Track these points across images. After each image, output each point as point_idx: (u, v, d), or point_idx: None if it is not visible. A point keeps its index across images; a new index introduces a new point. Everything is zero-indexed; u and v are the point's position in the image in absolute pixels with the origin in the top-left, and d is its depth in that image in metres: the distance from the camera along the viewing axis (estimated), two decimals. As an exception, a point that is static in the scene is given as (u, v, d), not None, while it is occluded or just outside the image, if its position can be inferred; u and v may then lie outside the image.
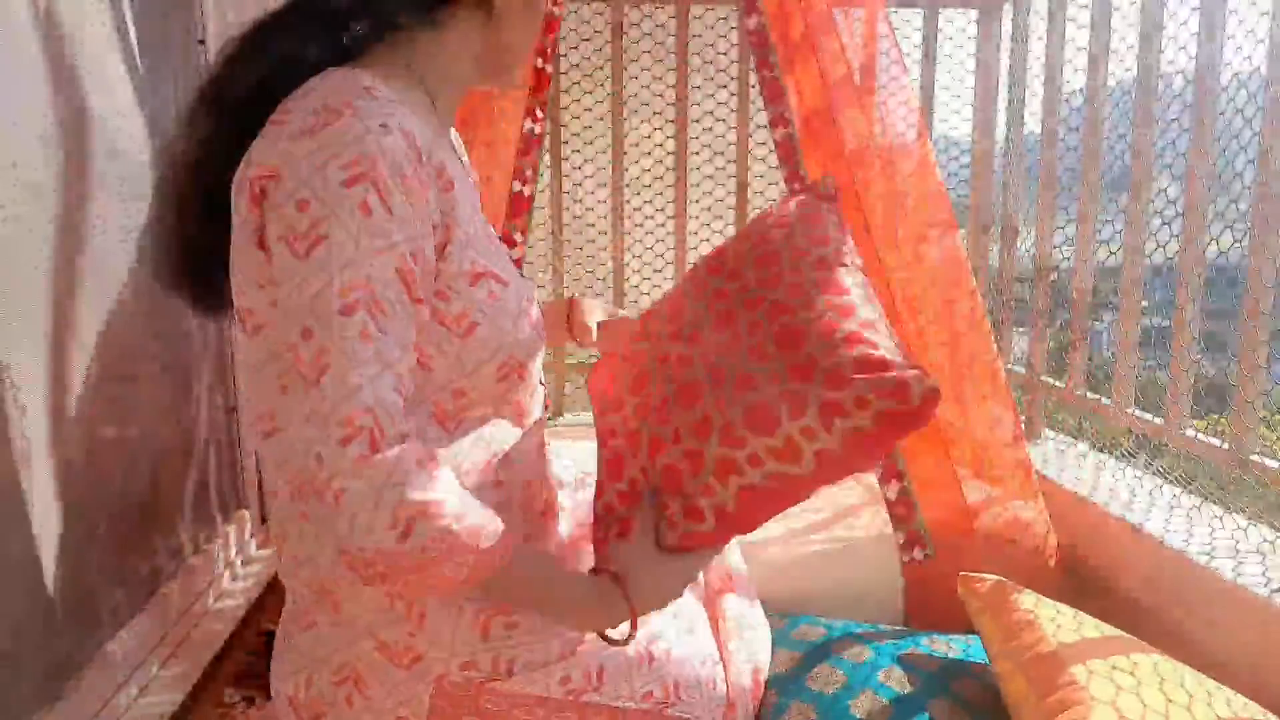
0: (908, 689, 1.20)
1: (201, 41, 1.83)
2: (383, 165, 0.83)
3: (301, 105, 0.87)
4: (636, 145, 2.54)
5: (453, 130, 1.13)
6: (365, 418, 0.81)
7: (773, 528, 1.72)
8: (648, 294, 2.59)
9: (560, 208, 2.46)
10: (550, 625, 1.01)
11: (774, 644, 1.34)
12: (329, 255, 0.82)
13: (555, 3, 1.82)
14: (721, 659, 1.19)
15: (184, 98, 1.71)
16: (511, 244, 1.83)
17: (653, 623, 1.09)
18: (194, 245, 0.99)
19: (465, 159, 1.18)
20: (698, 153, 2.56)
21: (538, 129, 1.84)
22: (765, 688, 1.26)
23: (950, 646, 1.32)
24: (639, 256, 2.63)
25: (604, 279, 2.57)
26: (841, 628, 1.36)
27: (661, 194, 2.57)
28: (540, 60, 1.83)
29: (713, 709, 1.10)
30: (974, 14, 2.43)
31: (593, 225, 2.57)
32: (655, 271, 2.65)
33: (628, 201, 2.53)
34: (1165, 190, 1.77)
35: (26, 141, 1.14)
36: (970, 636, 1.36)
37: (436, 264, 0.91)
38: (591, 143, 2.49)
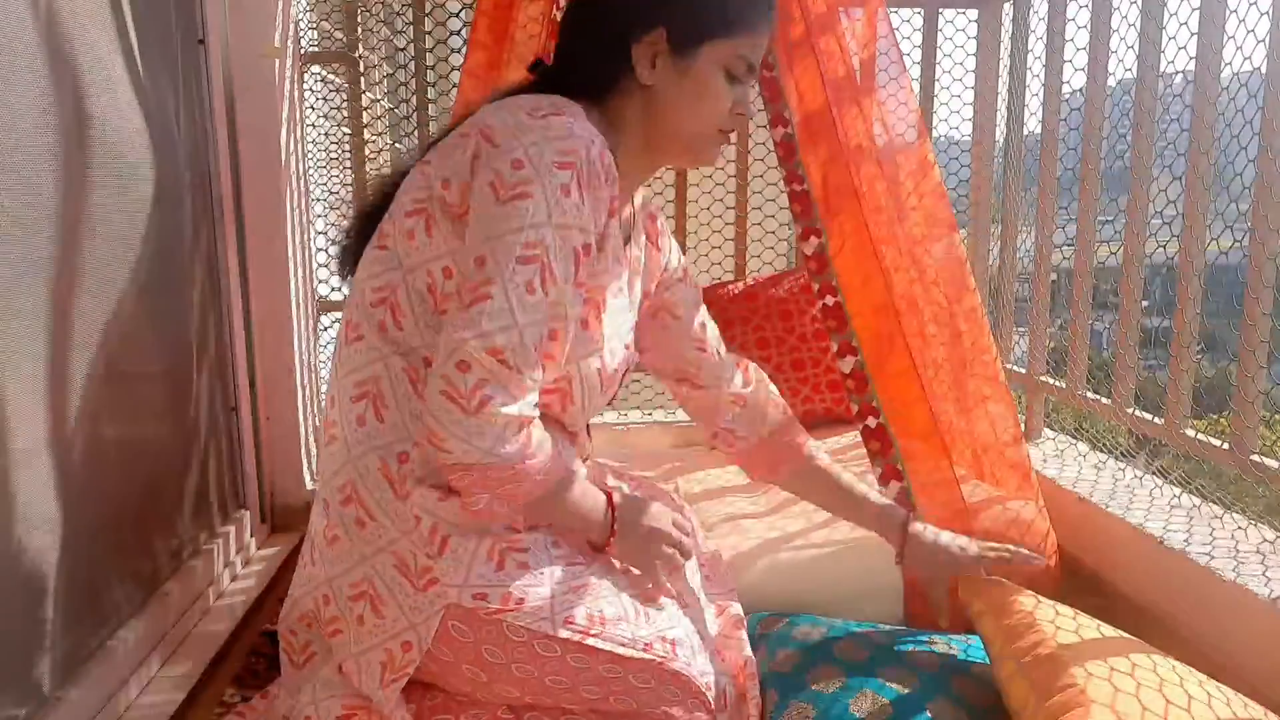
0: (908, 689, 1.20)
1: (201, 41, 1.83)
2: (587, 164, 0.96)
3: (522, 98, 1.02)
4: (636, 145, 2.54)
5: (637, 210, 1.23)
6: (511, 355, 0.92)
7: (773, 528, 1.72)
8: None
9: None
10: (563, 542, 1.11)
11: (774, 643, 1.34)
12: (526, 209, 0.92)
13: (557, 6, 1.82)
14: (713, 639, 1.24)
15: (184, 98, 1.71)
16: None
17: (648, 590, 1.15)
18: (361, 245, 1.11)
19: (639, 228, 1.25)
20: (698, 153, 2.56)
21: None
22: (765, 686, 1.26)
23: (951, 646, 1.32)
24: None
25: (604, 279, 2.57)
26: (842, 627, 1.36)
27: (661, 194, 2.57)
28: (543, 63, 1.83)
29: (708, 670, 1.12)
30: (974, 14, 2.43)
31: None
32: (655, 271, 2.64)
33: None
34: (1165, 190, 1.77)
35: (26, 141, 1.14)
36: (970, 637, 1.36)
37: None
38: (591, 143, 2.48)
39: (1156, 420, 1.81)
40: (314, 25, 2.41)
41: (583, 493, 1.10)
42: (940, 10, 2.43)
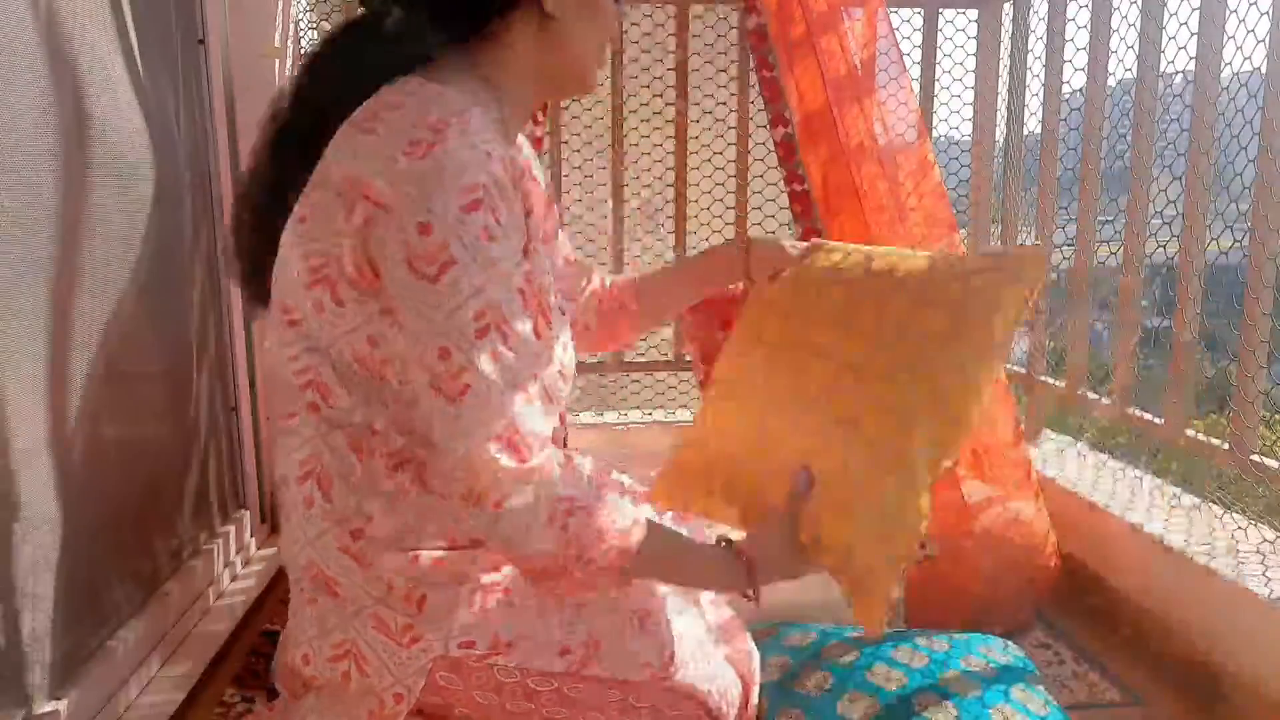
0: (896, 685, 1.20)
1: (201, 41, 1.83)
2: (494, 191, 0.88)
3: (394, 118, 0.89)
4: (636, 145, 2.54)
5: (521, 137, 1.14)
6: (508, 431, 0.88)
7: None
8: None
9: (561, 207, 2.46)
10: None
11: (765, 651, 1.34)
12: (459, 279, 0.85)
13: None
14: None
15: (184, 98, 1.71)
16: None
17: (639, 599, 1.10)
18: (259, 246, 1.03)
19: (536, 163, 1.17)
20: (697, 153, 2.56)
21: (538, 131, 1.84)
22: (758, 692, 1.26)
23: (943, 643, 1.32)
24: (639, 256, 2.63)
25: (604, 279, 2.57)
26: (834, 632, 1.36)
27: (661, 194, 2.57)
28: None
29: (710, 680, 1.10)
30: (974, 14, 2.43)
31: (593, 225, 2.57)
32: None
33: (627, 201, 2.53)
34: (1165, 190, 1.77)
35: (26, 141, 1.14)
36: (966, 635, 1.36)
37: None
38: (591, 143, 2.49)
39: (1156, 420, 1.81)
40: (314, 25, 2.41)
41: (678, 543, 1.02)
42: (940, 10, 2.43)
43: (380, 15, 0.99)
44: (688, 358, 2.35)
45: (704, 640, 1.17)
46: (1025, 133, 2.30)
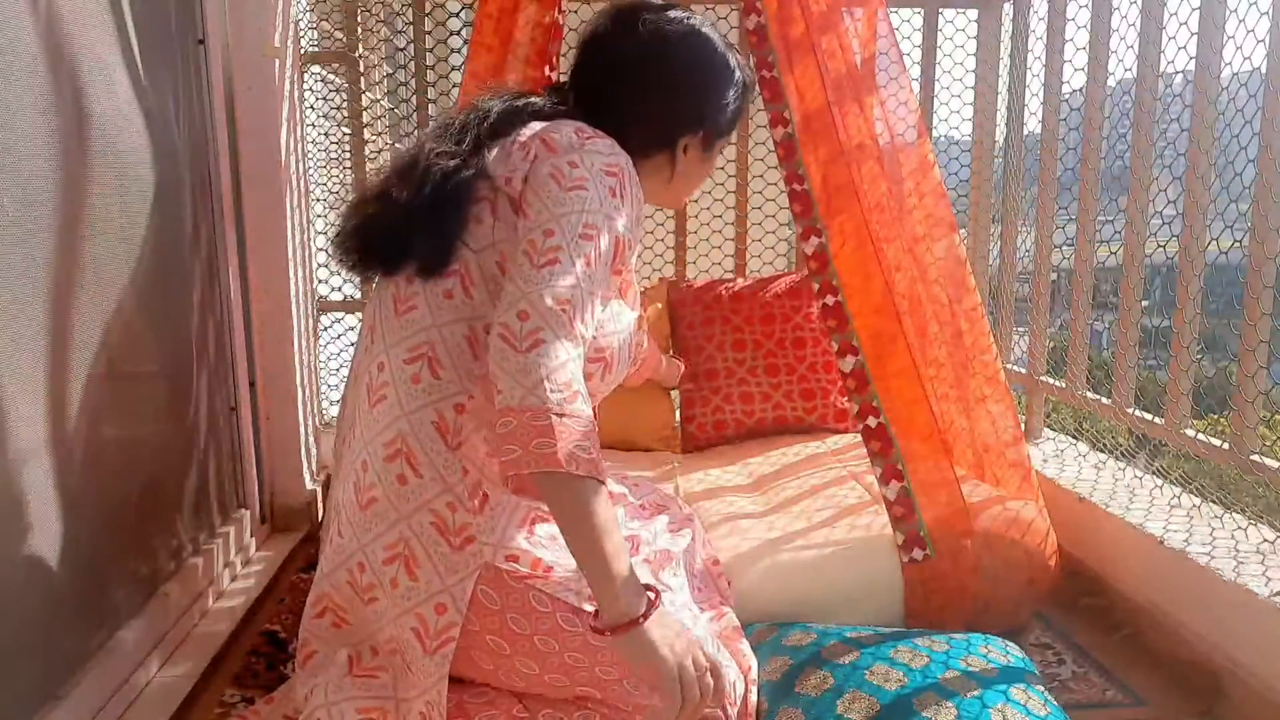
0: (895, 685, 1.20)
1: (201, 41, 1.83)
2: (628, 177, 1.13)
3: (574, 122, 1.16)
4: (636, 145, 2.54)
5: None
6: (571, 308, 1.01)
7: (773, 528, 1.72)
8: (645, 292, 2.59)
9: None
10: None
11: (765, 653, 1.34)
12: (584, 198, 1.06)
13: (559, 9, 1.82)
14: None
15: (184, 98, 1.71)
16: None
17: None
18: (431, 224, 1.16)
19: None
20: (698, 153, 2.56)
21: (538, 129, 1.84)
22: (757, 696, 1.27)
23: (943, 643, 1.32)
24: (639, 256, 2.63)
25: (604, 279, 2.57)
26: (835, 632, 1.36)
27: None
28: (546, 68, 1.83)
29: (726, 662, 1.16)
30: (974, 14, 2.43)
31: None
32: (655, 271, 2.65)
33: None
34: (1165, 190, 1.77)
35: (26, 141, 1.14)
36: (966, 635, 1.36)
37: None
38: (591, 143, 2.48)
39: (1156, 420, 1.81)
40: (314, 25, 2.41)
41: (612, 525, 1.00)
42: (940, 10, 2.43)
43: (581, 106, 1.25)
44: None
45: (712, 636, 1.20)
46: (1025, 133, 2.30)
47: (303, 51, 2.25)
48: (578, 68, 1.29)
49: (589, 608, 1.05)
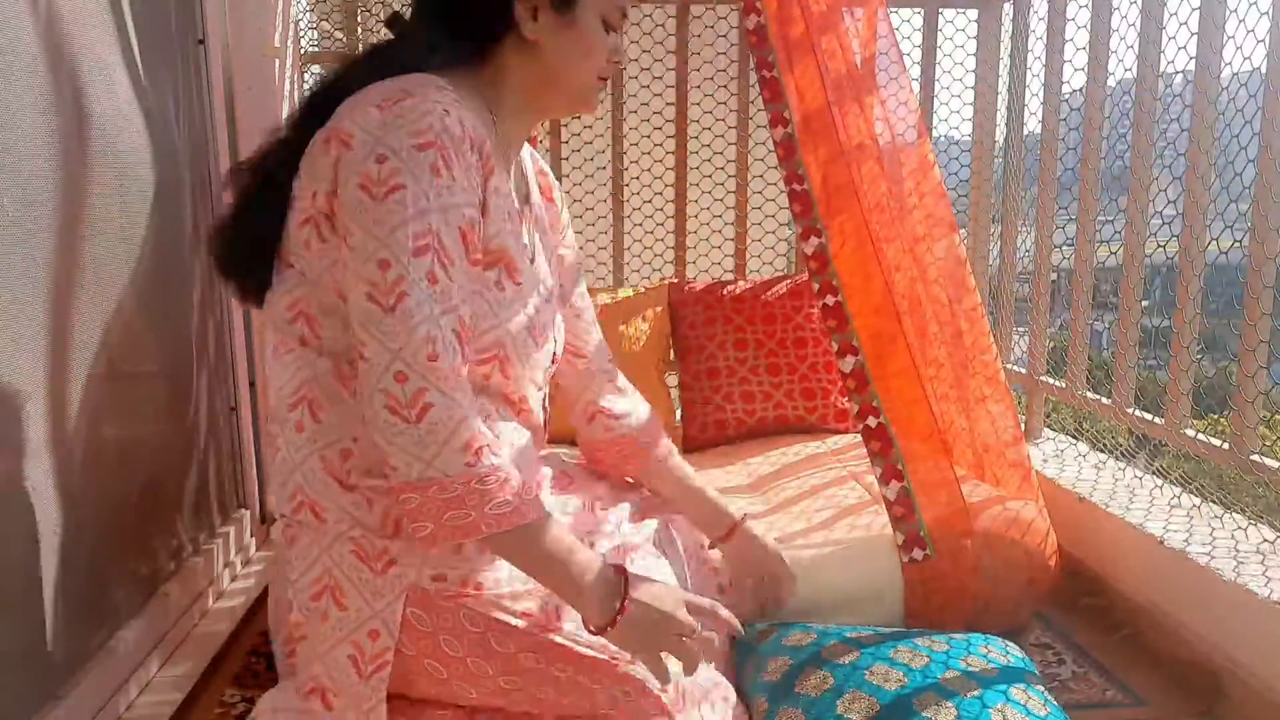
0: (895, 685, 1.20)
1: (201, 41, 1.83)
2: (446, 137, 0.96)
3: (372, 90, 1.00)
4: (636, 145, 2.54)
5: (528, 161, 1.24)
6: (436, 348, 0.93)
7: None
8: (646, 293, 2.59)
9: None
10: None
11: (766, 653, 1.34)
12: (404, 200, 0.93)
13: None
14: None
15: (184, 98, 1.71)
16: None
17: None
18: (258, 236, 1.08)
19: (533, 186, 1.25)
20: (697, 152, 2.56)
21: (536, 131, 1.84)
22: (755, 695, 1.26)
23: (943, 643, 1.32)
24: (639, 256, 2.64)
25: (603, 278, 2.57)
26: (835, 632, 1.37)
27: (661, 193, 2.57)
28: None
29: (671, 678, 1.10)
30: (974, 14, 2.43)
31: (593, 225, 2.57)
32: (655, 271, 2.65)
33: (627, 201, 2.53)
34: (1165, 190, 1.77)
35: (26, 141, 1.14)
36: (966, 635, 1.36)
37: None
38: (591, 142, 2.49)
39: (1156, 420, 1.81)
40: (314, 25, 2.41)
41: (563, 545, 0.99)
42: (940, 10, 2.43)
43: (399, 40, 1.10)
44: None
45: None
46: (1025, 133, 2.30)
47: (303, 51, 2.25)
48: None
49: (520, 624, 1.03)
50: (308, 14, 2.35)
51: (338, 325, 1.02)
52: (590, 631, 1.02)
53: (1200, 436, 1.69)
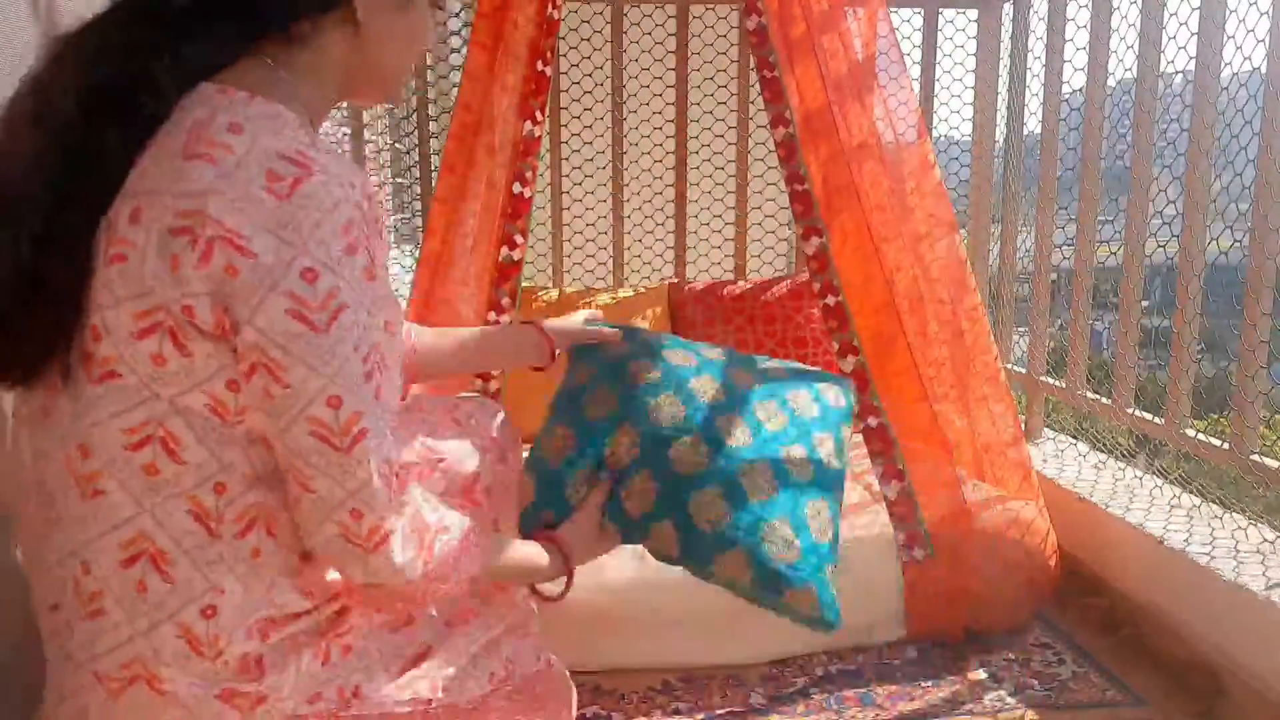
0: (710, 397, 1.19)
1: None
2: (364, 220, 0.82)
3: (233, 143, 0.79)
4: (636, 145, 2.54)
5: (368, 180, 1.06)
6: (387, 469, 0.85)
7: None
8: (646, 294, 2.59)
9: (560, 208, 2.46)
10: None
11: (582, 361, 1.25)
12: (349, 323, 0.80)
13: (554, 5, 1.82)
14: None
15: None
16: (512, 245, 1.83)
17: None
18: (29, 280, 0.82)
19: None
20: (697, 152, 2.56)
21: (537, 131, 1.84)
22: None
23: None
24: (639, 256, 2.64)
25: (603, 279, 2.57)
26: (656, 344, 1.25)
27: (661, 194, 2.57)
28: (540, 63, 1.83)
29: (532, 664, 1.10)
30: (974, 14, 2.43)
31: (593, 225, 2.57)
32: (655, 271, 2.65)
33: (627, 201, 2.53)
34: (1165, 190, 1.77)
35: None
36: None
37: None
38: (591, 143, 2.49)
39: (1156, 420, 1.81)
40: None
41: (513, 556, 1.06)
42: (940, 10, 2.43)
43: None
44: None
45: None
46: (1025, 133, 2.30)
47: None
48: None
49: (408, 709, 0.97)
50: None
51: (211, 441, 0.85)
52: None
53: (1200, 436, 1.69)
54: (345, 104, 2.34)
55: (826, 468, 1.18)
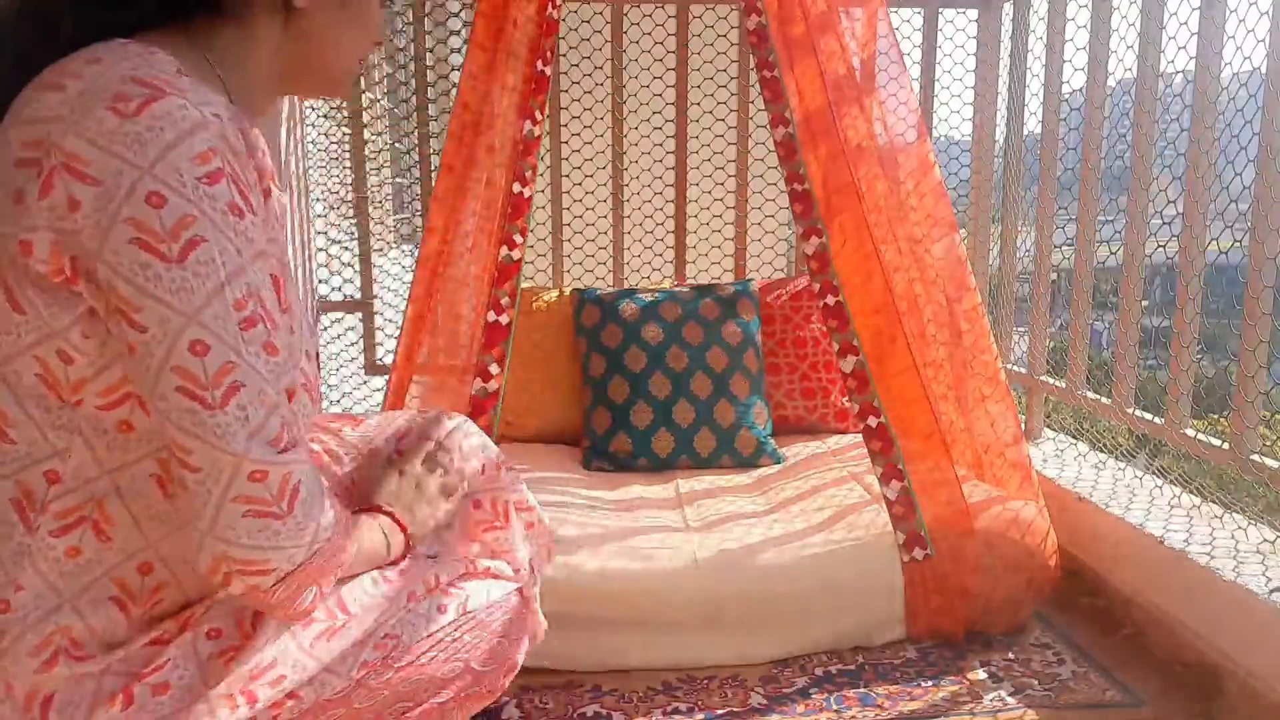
0: None
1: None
2: (229, 152, 0.73)
3: (91, 72, 0.72)
4: (636, 145, 2.54)
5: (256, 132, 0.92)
6: (284, 429, 0.76)
7: (773, 528, 1.72)
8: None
9: (560, 208, 2.46)
10: None
11: None
12: (210, 258, 0.71)
13: (554, 5, 1.82)
14: None
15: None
16: (512, 245, 1.83)
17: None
18: None
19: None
20: (697, 152, 2.56)
21: (537, 130, 1.84)
22: None
23: None
24: (638, 256, 2.63)
25: (603, 279, 2.57)
26: None
27: (661, 194, 2.57)
28: (540, 63, 1.83)
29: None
30: (974, 14, 2.43)
31: (593, 225, 2.57)
32: (654, 270, 2.65)
33: (627, 201, 2.53)
34: (1165, 190, 1.77)
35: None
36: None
37: None
38: (591, 143, 2.49)
39: (1156, 420, 1.81)
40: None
41: (370, 535, 0.95)
42: (940, 10, 2.43)
43: None
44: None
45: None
46: (1025, 133, 2.30)
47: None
48: None
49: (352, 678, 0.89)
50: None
51: (41, 421, 0.76)
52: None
53: (1200, 436, 1.69)
54: (341, 102, 2.35)
55: None
